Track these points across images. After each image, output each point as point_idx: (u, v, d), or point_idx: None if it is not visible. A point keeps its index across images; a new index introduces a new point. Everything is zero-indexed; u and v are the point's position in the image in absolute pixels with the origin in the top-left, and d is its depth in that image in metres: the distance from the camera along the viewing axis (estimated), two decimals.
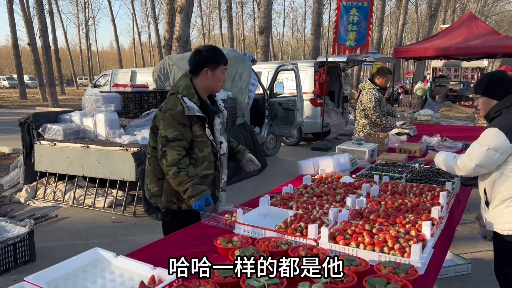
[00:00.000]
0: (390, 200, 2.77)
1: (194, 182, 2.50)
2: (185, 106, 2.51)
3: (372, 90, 5.77)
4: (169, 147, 2.49)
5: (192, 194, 2.50)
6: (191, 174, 2.51)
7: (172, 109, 2.52)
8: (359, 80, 25.53)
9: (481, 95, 2.76)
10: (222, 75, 2.63)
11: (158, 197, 2.69)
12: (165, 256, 2.09)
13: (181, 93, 2.58)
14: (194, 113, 2.52)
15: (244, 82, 7.53)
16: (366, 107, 5.78)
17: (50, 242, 4.40)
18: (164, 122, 2.53)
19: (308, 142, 11.26)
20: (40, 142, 5.79)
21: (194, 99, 2.56)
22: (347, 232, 2.22)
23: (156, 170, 2.64)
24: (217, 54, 2.61)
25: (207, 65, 2.59)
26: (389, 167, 3.87)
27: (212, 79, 2.61)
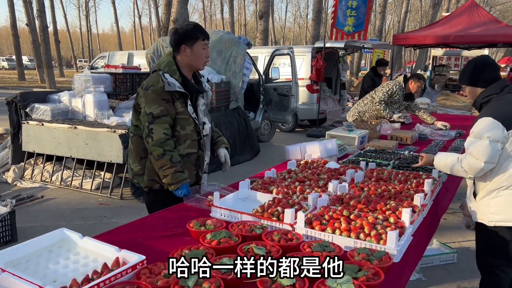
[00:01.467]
0: (374, 186, 2.71)
1: (176, 169, 2.45)
2: (166, 81, 2.45)
3: (396, 83, 5.60)
4: (155, 124, 2.44)
5: (172, 182, 2.47)
6: (175, 160, 2.46)
7: (154, 85, 2.47)
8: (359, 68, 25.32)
9: (467, 84, 2.70)
10: (202, 51, 2.54)
11: (141, 176, 2.64)
12: (134, 238, 2.04)
13: (163, 69, 2.52)
14: (175, 88, 2.46)
15: (238, 65, 7.41)
16: (377, 90, 5.64)
17: (34, 223, 4.36)
18: (147, 99, 2.47)
19: (304, 129, 11.19)
20: (28, 122, 5.72)
21: (175, 75, 2.51)
22: (324, 217, 2.16)
23: (139, 148, 2.60)
24: (194, 30, 2.53)
25: (184, 42, 2.52)
26: (377, 154, 3.81)
27: (191, 55, 2.54)
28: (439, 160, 2.76)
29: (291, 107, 8.55)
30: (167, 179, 2.46)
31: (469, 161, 2.49)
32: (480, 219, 2.64)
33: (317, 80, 10.22)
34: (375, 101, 5.56)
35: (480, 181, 2.61)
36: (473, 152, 2.48)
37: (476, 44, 11.12)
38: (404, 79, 5.69)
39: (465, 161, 2.53)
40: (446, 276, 3.53)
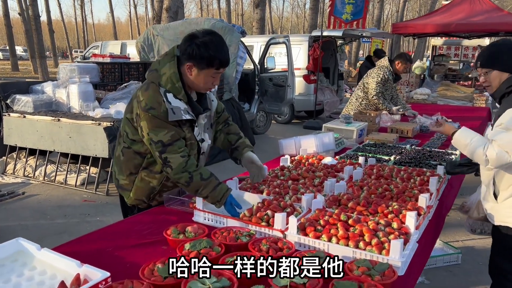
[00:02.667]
0: (374, 185, 2.48)
1: (212, 185, 2.07)
2: (169, 108, 2.01)
3: (385, 69, 5.34)
4: (169, 153, 2.04)
5: (215, 200, 2.08)
6: (206, 175, 2.08)
7: (155, 109, 2.01)
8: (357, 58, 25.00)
9: (491, 68, 2.31)
10: (210, 78, 2.08)
11: (127, 191, 2.30)
12: (103, 248, 1.80)
13: (164, 86, 2.04)
14: (181, 117, 2.04)
15: (232, 55, 7.11)
16: (368, 81, 5.34)
17: (12, 222, 4.12)
18: (149, 124, 2.03)
19: (301, 120, 10.94)
20: (9, 114, 5.44)
21: (180, 95, 2.05)
22: (320, 222, 1.93)
23: (130, 163, 2.21)
24: (213, 54, 1.99)
25: (193, 60, 2.02)
26: (377, 148, 3.57)
27: (196, 78, 2.07)
28: (462, 136, 2.35)
29: (287, 98, 8.28)
30: (209, 200, 2.10)
31: (497, 152, 2.16)
32: (503, 222, 2.35)
33: (314, 70, 9.94)
34: (371, 95, 5.29)
35: (503, 180, 2.31)
36: (503, 144, 2.17)
37: (477, 33, 10.84)
38: (389, 61, 5.44)
39: (492, 151, 2.18)
40: (450, 279, 3.32)
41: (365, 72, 5.98)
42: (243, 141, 2.42)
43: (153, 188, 2.22)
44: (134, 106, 2.11)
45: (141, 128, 2.08)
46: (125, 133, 2.19)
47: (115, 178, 2.33)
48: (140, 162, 2.19)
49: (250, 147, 2.40)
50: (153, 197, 2.26)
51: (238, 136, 2.45)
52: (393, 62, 5.42)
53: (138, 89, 2.17)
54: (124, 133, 2.21)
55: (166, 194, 2.28)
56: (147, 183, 2.21)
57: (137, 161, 2.20)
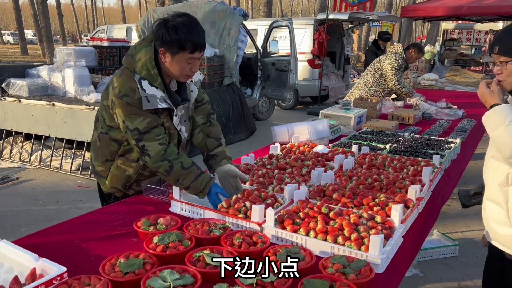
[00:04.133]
0: (364, 175, 2.37)
1: (193, 174, 1.96)
2: (143, 96, 1.89)
3: (399, 55, 5.15)
4: (146, 140, 1.93)
5: (197, 191, 1.98)
6: (187, 164, 1.97)
7: (129, 96, 1.90)
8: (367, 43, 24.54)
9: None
10: (186, 64, 1.93)
11: (102, 178, 2.21)
12: (70, 240, 1.73)
13: (139, 73, 1.92)
14: (156, 105, 1.92)
15: (233, 38, 6.96)
16: (384, 68, 5.16)
17: (3, 207, 4.10)
18: (124, 111, 1.92)
19: (305, 106, 10.77)
20: (5, 98, 5.39)
21: (156, 82, 1.93)
22: (299, 215, 1.83)
23: (107, 150, 2.12)
24: (183, 36, 1.85)
25: (165, 45, 1.88)
26: (374, 136, 3.44)
27: (170, 65, 1.93)
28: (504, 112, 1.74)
29: (289, 83, 8.11)
30: (190, 191, 1.99)
31: None
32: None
33: (319, 54, 9.73)
34: (391, 81, 5.10)
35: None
36: None
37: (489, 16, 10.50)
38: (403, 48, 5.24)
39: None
40: (446, 272, 3.21)
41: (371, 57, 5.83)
42: (223, 150, 2.23)
43: (129, 176, 2.13)
44: (109, 92, 2.02)
45: (117, 116, 1.98)
46: (103, 118, 2.10)
47: (92, 164, 2.25)
48: (116, 149, 2.11)
49: (228, 159, 2.22)
50: (130, 186, 2.18)
51: (218, 142, 2.26)
52: (407, 50, 5.23)
53: (114, 74, 2.07)
54: (101, 119, 2.11)
55: (144, 183, 2.19)
56: (122, 171, 2.12)
57: (113, 148, 2.11)
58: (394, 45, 5.54)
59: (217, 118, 6.49)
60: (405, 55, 5.20)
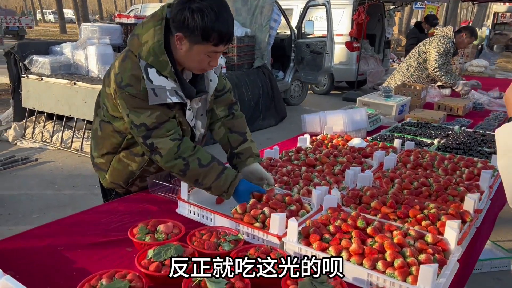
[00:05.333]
0: (409, 177, 1.99)
1: (214, 173, 1.67)
2: (149, 88, 1.58)
3: (448, 39, 4.63)
4: (155, 137, 1.64)
5: (221, 192, 1.68)
6: (205, 161, 1.67)
7: (133, 86, 1.60)
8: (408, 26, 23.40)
9: None
10: (206, 57, 1.61)
11: (102, 171, 1.94)
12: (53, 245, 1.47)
13: (145, 59, 1.60)
14: (165, 100, 1.61)
15: (265, 17, 6.55)
16: (429, 52, 4.65)
17: (18, 190, 3.96)
18: (128, 104, 1.63)
19: (341, 92, 10.27)
20: (27, 76, 5.24)
21: (166, 71, 1.61)
22: (329, 228, 1.49)
23: (108, 142, 1.82)
24: (211, 25, 1.52)
25: (185, 31, 1.55)
26: (419, 129, 3.02)
27: (186, 54, 1.61)
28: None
29: (324, 66, 7.63)
30: (213, 192, 1.70)
31: None
32: None
33: (357, 36, 9.17)
34: (432, 67, 4.60)
35: None
36: None
37: None
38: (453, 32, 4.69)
39: None
40: None
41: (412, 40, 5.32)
42: (249, 147, 1.89)
43: (132, 172, 1.84)
44: (111, 79, 1.69)
45: (120, 106, 1.68)
46: (105, 106, 1.79)
47: (91, 155, 1.97)
48: (119, 141, 1.81)
49: (255, 157, 1.89)
50: (132, 182, 1.89)
51: (243, 137, 1.92)
52: (458, 33, 4.69)
53: (117, 57, 1.76)
54: (103, 106, 1.81)
55: (150, 178, 1.90)
56: (125, 165, 1.83)
57: (115, 140, 1.81)
58: (443, 27, 4.99)
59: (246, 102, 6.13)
60: (455, 39, 4.67)
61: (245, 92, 6.17)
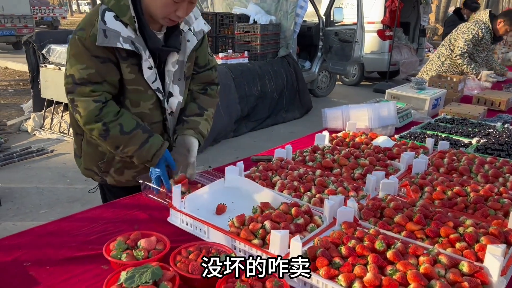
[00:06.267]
0: (441, 184, 1.70)
1: (137, 139, 1.53)
2: (101, 28, 1.43)
3: (481, 24, 4.21)
4: (78, 94, 1.49)
5: (143, 160, 1.55)
6: (128, 127, 1.53)
7: (84, 30, 1.47)
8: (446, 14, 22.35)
9: None
10: (171, 3, 1.44)
11: (78, 157, 1.80)
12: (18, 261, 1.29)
13: (107, 2, 1.48)
14: (115, 44, 1.45)
15: (291, 4, 6.22)
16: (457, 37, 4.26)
17: (29, 183, 3.87)
18: (71, 50, 1.50)
19: (372, 82, 9.83)
20: (46, 66, 5.17)
21: (125, 17, 1.46)
22: (341, 249, 1.23)
23: (74, 120, 1.68)
24: None
25: None
26: (455, 125, 2.69)
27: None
28: None
29: (354, 56, 7.24)
30: (136, 160, 1.58)
31: None
32: None
33: (390, 24, 8.69)
34: (455, 53, 4.22)
35: None
36: None
37: None
38: (490, 16, 4.25)
39: None
40: None
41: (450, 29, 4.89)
42: (198, 121, 1.74)
43: (102, 153, 1.70)
44: None
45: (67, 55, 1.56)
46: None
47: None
48: None
49: (197, 133, 1.72)
50: (106, 169, 1.73)
51: (200, 111, 1.77)
52: (495, 19, 4.25)
53: None
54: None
55: (143, 179, 1.69)
56: (94, 147, 1.71)
57: None
58: (479, 12, 4.55)
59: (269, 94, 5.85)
60: (491, 26, 4.23)
61: (268, 83, 5.91)
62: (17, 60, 10.15)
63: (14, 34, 12.54)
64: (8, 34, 12.51)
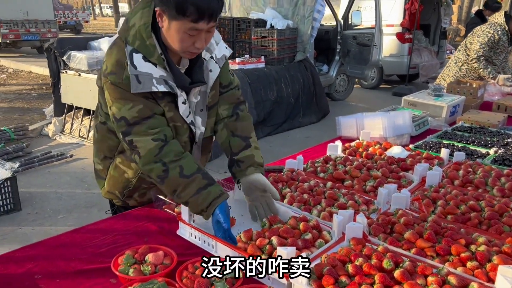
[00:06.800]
0: (454, 198, 1.67)
1: (196, 186, 1.43)
2: (133, 74, 1.40)
3: (497, 26, 4.13)
4: (135, 134, 1.45)
5: (198, 209, 1.44)
6: (188, 170, 1.44)
7: (116, 74, 1.42)
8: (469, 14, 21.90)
9: None
10: (187, 37, 1.38)
11: (101, 179, 1.78)
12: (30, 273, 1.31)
13: (131, 43, 1.42)
14: (150, 88, 1.42)
15: (308, 8, 6.20)
16: (473, 41, 4.18)
17: (49, 188, 3.96)
18: (111, 94, 1.45)
19: (391, 86, 9.70)
20: (66, 72, 5.29)
21: (153, 57, 1.43)
22: (347, 268, 1.22)
23: (105, 145, 1.67)
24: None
25: (162, 5, 1.36)
26: (473, 134, 2.64)
27: (167, 32, 1.40)
28: None
29: (372, 59, 7.16)
30: (190, 208, 1.47)
31: None
32: None
33: (410, 27, 8.56)
34: (471, 57, 4.13)
35: None
36: None
37: None
38: (505, 17, 4.15)
39: None
40: None
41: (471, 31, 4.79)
42: (251, 154, 1.64)
43: (128, 180, 1.66)
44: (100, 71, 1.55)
45: (106, 98, 1.51)
46: (100, 104, 1.64)
47: (93, 160, 1.81)
48: (115, 143, 1.64)
49: (257, 166, 1.63)
50: (129, 194, 1.71)
51: (246, 142, 1.67)
52: (511, 20, 4.16)
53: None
54: (99, 104, 1.66)
55: (154, 191, 1.71)
56: (121, 172, 1.66)
57: (111, 142, 1.64)
58: (495, 14, 4.44)
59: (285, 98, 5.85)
60: (508, 27, 4.13)
61: (284, 87, 5.90)
62: (41, 64, 10.39)
63: (38, 39, 12.88)
64: (33, 38, 12.87)
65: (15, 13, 12.34)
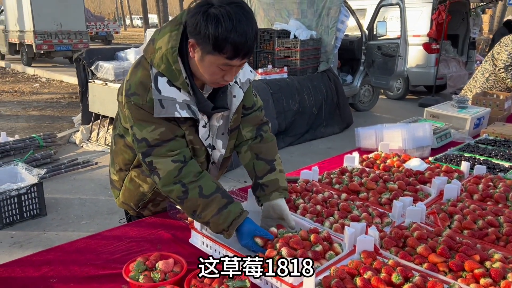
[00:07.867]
0: (472, 213, 1.63)
1: (216, 206, 1.44)
2: (156, 99, 1.40)
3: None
4: (155, 156, 1.46)
5: (220, 229, 1.45)
6: (208, 190, 1.46)
7: (140, 96, 1.43)
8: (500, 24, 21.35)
9: None
10: (218, 70, 1.39)
11: (116, 189, 1.82)
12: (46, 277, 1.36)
13: (157, 66, 1.43)
14: (173, 114, 1.42)
15: (332, 19, 6.20)
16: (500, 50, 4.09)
17: (74, 194, 4.07)
18: (132, 114, 1.47)
19: (417, 97, 9.54)
20: (94, 81, 5.47)
21: (178, 81, 1.43)
22: (355, 281, 1.21)
23: (120, 158, 1.69)
24: (224, 35, 1.29)
25: (197, 37, 1.34)
26: (496, 147, 2.57)
27: (199, 63, 1.40)
28: None
29: (397, 70, 7.06)
30: (211, 228, 1.47)
31: None
32: None
33: (437, 37, 8.42)
34: (498, 67, 4.02)
35: None
36: None
37: None
38: None
39: None
40: None
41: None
42: (275, 179, 1.64)
43: (143, 194, 1.69)
44: (123, 86, 1.56)
45: (127, 117, 1.53)
46: (119, 117, 1.68)
47: (109, 171, 1.85)
48: (130, 157, 1.67)
49: (282, 191, 1.63)
50: (144, 206, 1.74)
51: (270, 166, 1.66)
52: None
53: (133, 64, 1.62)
54: (118, 117, 1.69)
55: (168, 200, 1.74)
56: (136, 186, 1.69)
57: (127, 156, 1.68)
58: None
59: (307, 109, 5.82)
60: None
61: (307, 98, 5.89)
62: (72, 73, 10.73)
63: (71, 49, 13.35)
64: (65, 49, 13.36)
65: (49, 24, 12.86)
